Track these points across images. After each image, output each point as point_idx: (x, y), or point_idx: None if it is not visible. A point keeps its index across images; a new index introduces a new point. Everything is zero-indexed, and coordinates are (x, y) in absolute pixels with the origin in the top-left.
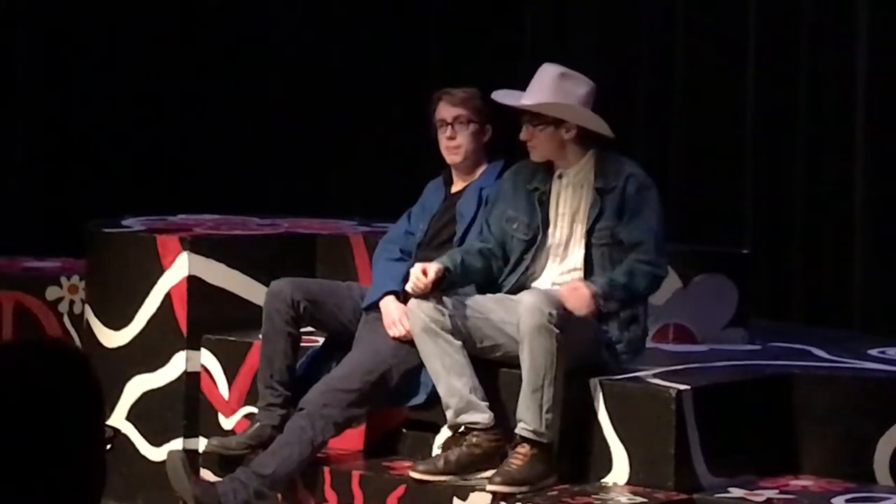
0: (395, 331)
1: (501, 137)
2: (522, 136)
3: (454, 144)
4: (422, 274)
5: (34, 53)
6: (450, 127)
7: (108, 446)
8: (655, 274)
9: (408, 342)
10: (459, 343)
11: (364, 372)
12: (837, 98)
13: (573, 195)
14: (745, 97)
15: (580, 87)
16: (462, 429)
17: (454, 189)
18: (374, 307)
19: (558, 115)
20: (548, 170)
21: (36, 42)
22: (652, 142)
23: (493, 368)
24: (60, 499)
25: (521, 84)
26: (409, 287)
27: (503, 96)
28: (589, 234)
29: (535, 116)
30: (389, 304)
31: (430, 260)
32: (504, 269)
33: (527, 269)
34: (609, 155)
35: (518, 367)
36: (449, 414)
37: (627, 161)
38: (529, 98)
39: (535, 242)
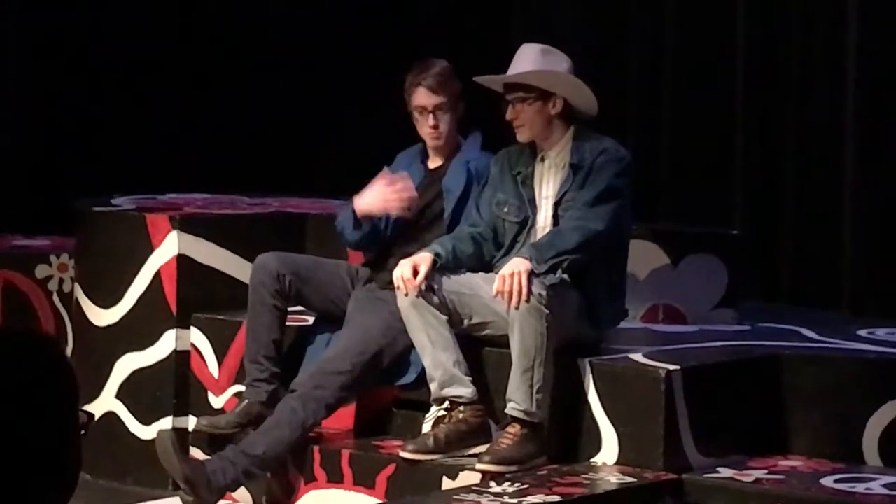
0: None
1: (482, 123)
2: (509, 115)
3: (437, 132)
4: (412, 274)
5: (24, 31)
6: (431, 115)
7: (83, 431)
8: (586, 228)
9: (398, 322)
10: (445, 318)
11: (355, 353)
12: (828, 78)
13: (555, 176)
14: (735, 78)
15: (562, 62)
16: (447, 403)
17: (432, 165)
18: (369, 280)
19: (550, 85)
20: (531, 153)
21: (26, 20)
22: (642, 123)
23: (480, 348)
24: (35, 485)
25: (509, 59)
26: (396, 283)
27: (487, 80)
28: (557, 205)
29: (523, 91)
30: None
31: (416, 241)
32: (495, 252)
33: (519, 250)
34: (587, 132)
35: (505, 345)
36: (433, 387)
37: (606, 138)
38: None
39: (527, 224)
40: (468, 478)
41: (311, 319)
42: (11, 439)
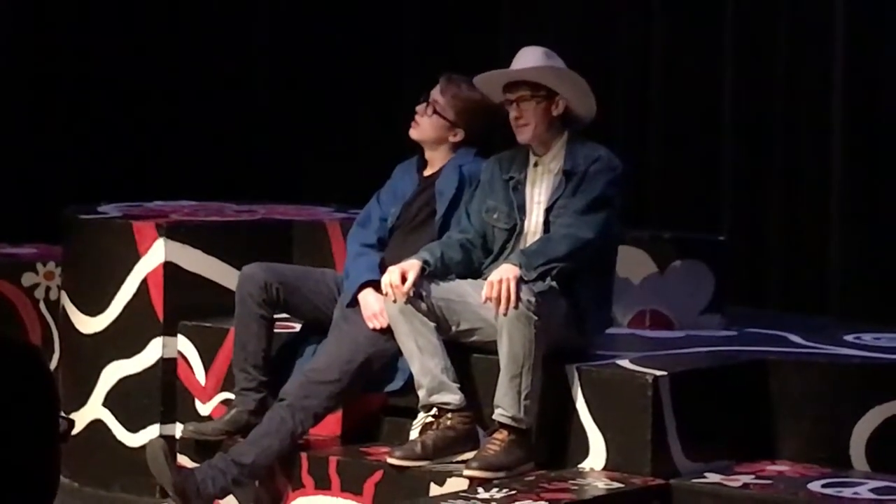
0: (377, 323)
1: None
2: (514, 114)
3: (416, 119)
4: (400, 280)
5: (10, 40)
6: (425, 103)
7: (64, 439)
8: (576, 236)
9: (387, 331)
10: (433, 324)
11: (343, 362)
12: (815, 84)
13: (548, 182)
14: (722, 84)
15: (562, 65)
16: (434, 410)
17: (427, 172)
18: (354, 300)
19: (559, 83)
20: (524, 159)
21: (13, 27)
22: (630, 128)
23: (468, 354)
24: (14, 492)
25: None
26: (384, 289)
27: (494, 76)
28: (548, 211)
29: (530, 90)
30: (369, 297)
31: (407, 244)
32: (484, 259)
33: (508, 256)
34: (581, 139)
35: (494, 352)
36: (421, 393)
37: (600, 146)
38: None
39: (516, 230)
40: (456, 484)
41: (297, 326)
42: None
